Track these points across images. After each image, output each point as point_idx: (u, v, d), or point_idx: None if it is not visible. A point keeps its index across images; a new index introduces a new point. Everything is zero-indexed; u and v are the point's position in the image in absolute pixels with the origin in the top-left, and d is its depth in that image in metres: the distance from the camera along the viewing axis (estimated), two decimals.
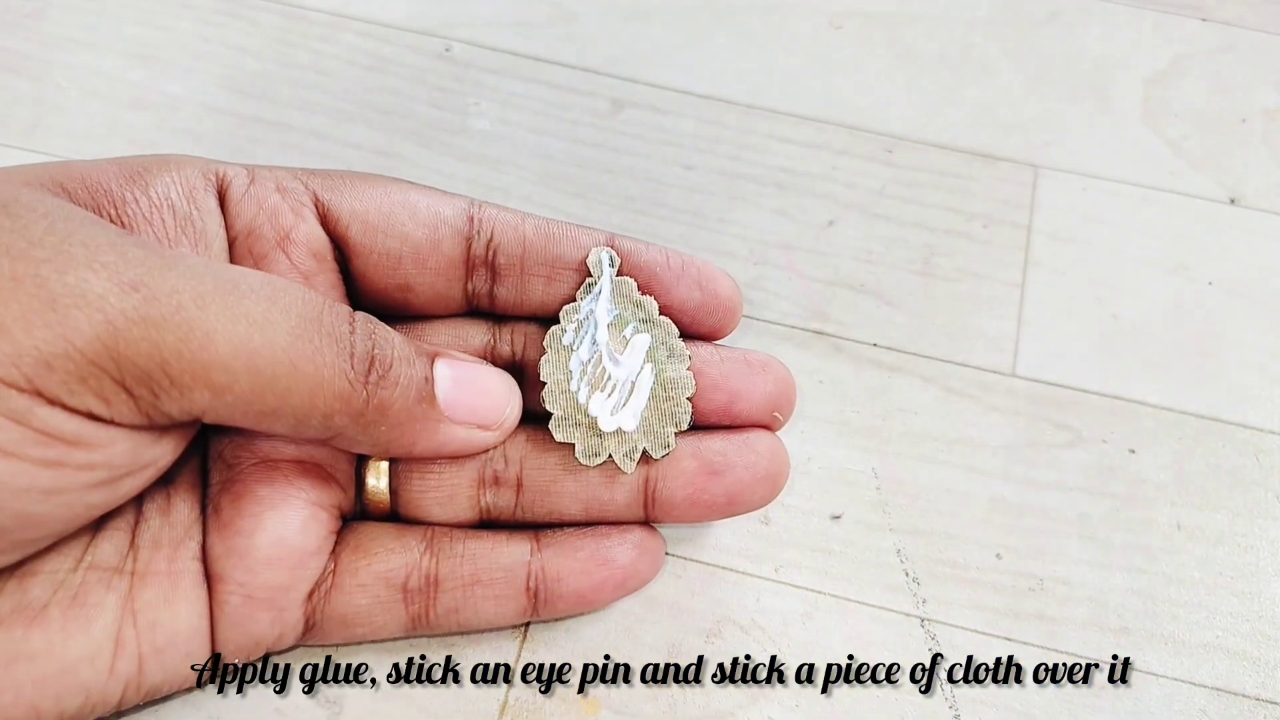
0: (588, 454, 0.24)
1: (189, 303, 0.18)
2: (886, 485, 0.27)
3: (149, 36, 0.34)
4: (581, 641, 0.25)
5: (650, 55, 0.35)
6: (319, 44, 0.34)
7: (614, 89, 0.34)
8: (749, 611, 0.25)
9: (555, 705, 0.24)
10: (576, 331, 0.24)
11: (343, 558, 0.23)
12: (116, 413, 0.18)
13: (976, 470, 0.28)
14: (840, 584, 0.26)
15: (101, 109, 0.32)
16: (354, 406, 0.20)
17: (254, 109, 0.33)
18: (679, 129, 0.33)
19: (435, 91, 0.34)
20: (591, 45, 0.35)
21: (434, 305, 0.24)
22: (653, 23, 0.36)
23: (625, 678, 0.24)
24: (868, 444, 0.28)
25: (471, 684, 0.24)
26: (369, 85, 0.33)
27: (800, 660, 0.25)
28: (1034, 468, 0.28)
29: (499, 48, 0.35)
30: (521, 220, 0.24)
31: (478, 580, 0.23)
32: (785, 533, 0.27)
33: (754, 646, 0.25)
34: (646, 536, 0.24)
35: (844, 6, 0.36)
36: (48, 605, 0.20)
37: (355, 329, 0.21)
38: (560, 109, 0.34)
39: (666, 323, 0.24)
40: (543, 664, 0.24)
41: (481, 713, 0.24)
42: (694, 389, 0.24)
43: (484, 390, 0.23)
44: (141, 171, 0.22)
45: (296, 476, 0.23)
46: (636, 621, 0.25)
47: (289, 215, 0.23)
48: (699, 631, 0.25)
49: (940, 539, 0.27)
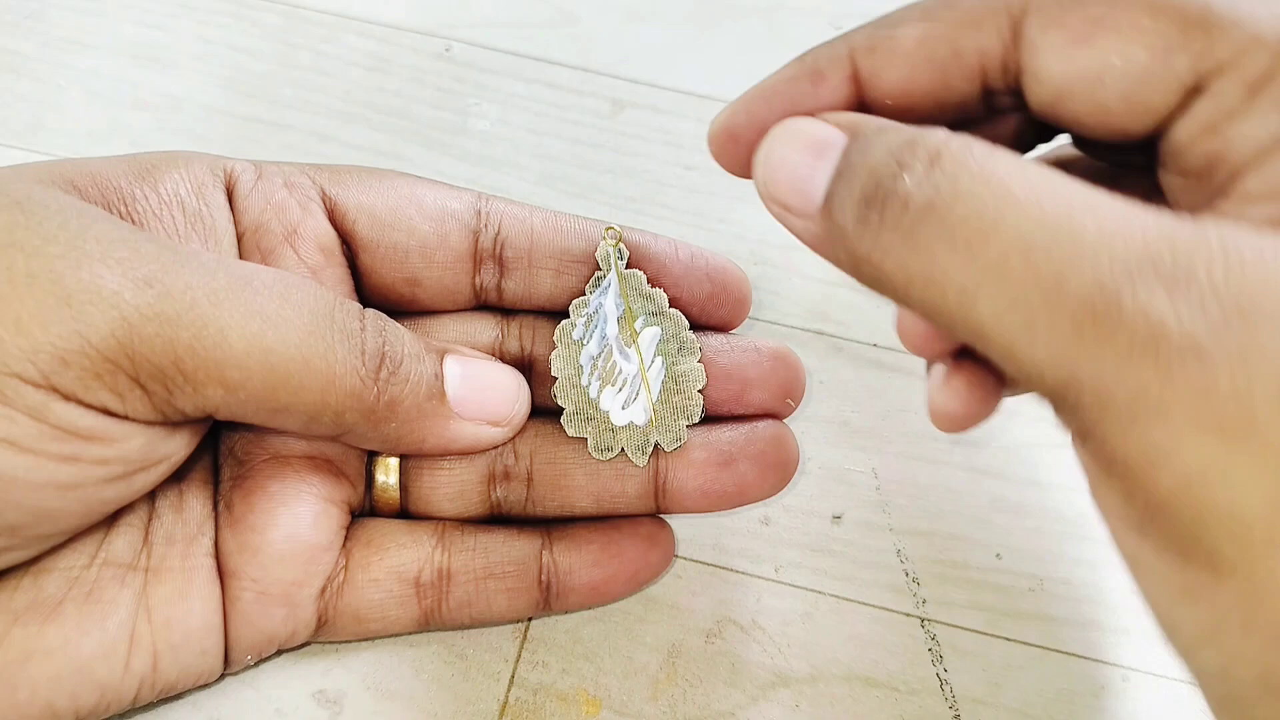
0: (600, 448, 0.24)
1: (203, 299, 0.19)
2: (886, 485, 0.27)
3: (149, 37, 0.34)
4: (581, 641, 0.25)
5: (651, 55, 0.35)
6: (320, 44, 0.34)
7: (614, 89, 0.34)
8: (749, 611, 0.25)
9: (555, 705, 0.24)
10: (586, 325, 0.24)
11: (354, 553, 0.23)
12: (131, 408, 0.19)
13: (976, 470, 0.28)
14: (840, 584, 0.26)
15: (102, 109, 0.32)
16: (365, 403, 0.21)
17: (254, 109, 0.33)
18: (679, 129, 0.33)
19: (435, 92, 0.34)
20: (592, 46, 0.35)
21: (442, 300, 0.25)
22: (653, 23, 0.36)
23: (625, 678, 0.24)
24: (868, 444, 0.28)
25: (471, 684, 0.24)
26: (369, 86, 0.34)
27: (800, 660, 0.25)
28: (1034, 468, 0.28)
29: (499, 48, 0.35)
30: (529, 214, 0.24)
31: (490, 574, 0.23)
32: (785, 533, 0.27)
33: (754, 646, 0.25)
34: (657, 529, 0.25)
35: (844, 7, 0.36)
36: (63, 601, 0.20)
37: (366, 326, 0.21)
38: (561, 109, 0.34)
39: (676, 315, 0.24)
40: (543, 664, 0.24)
41: (481, 713, 0.24)
42: (705, 381, 0.24)
43: (493, 386, 0.23)
44: (151, 168, 0.22)
45: (308, 472, 0.23)
46: (636, 621, 0.25)
47: (296, 210, 0.23)
48: (699, 631, 0.25)
49: (940, 539, 0.27)
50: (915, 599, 0.26)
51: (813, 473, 0.28)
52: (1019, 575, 0.26)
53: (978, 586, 0.26)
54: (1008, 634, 0.25)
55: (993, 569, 0.26)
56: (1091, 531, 0.27)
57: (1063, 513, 0.27)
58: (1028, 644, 0.25)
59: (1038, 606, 0.26)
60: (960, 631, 0.25)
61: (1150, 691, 0.25)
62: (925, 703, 0.24)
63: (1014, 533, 0.27)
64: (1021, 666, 0.25)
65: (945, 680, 0.25)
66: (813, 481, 0.27)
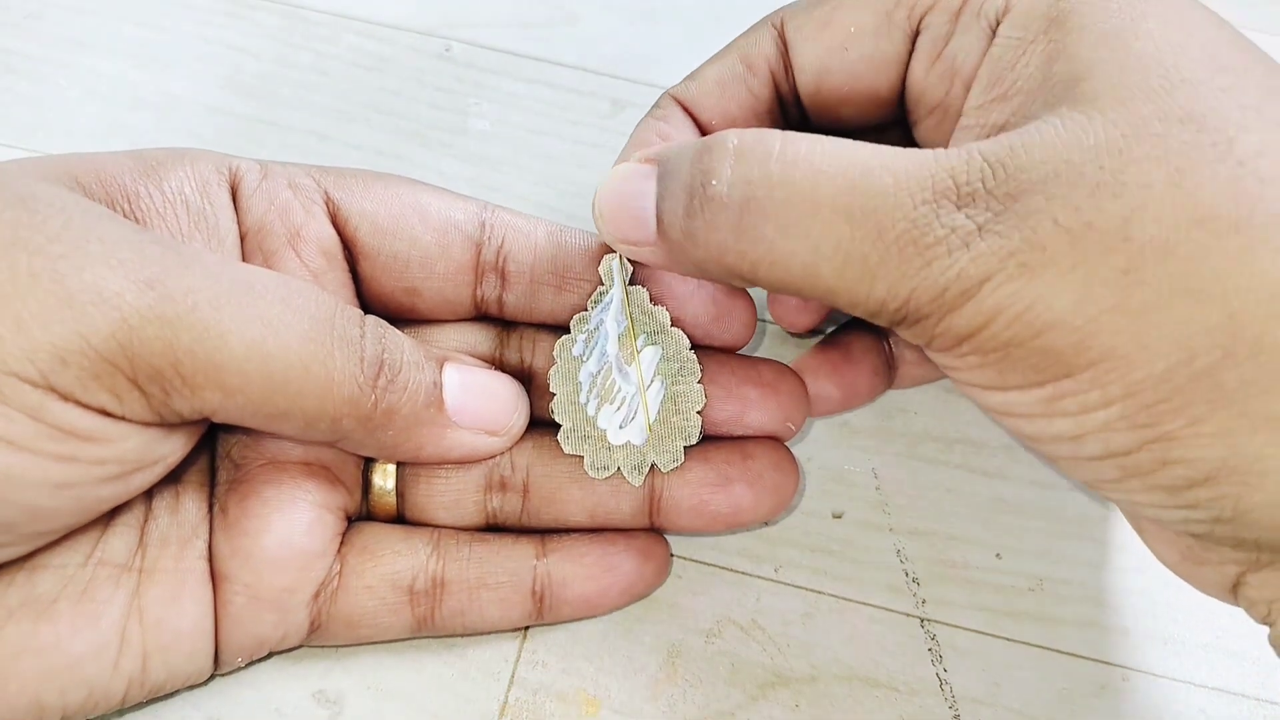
0: (596, 467, 0.24)
1: (204, 303, 0.19)
2: (886, 485, 0.27)
3: (149, 37, 0.34)
4: (581, 641, 0.25)
5: (651, 55, 0.35)
6: (320, 44, 0.34)
7: (614, 89, 0.34)
8: (749, 611, 0.25)
9: (555, 705, 0.24)
10: (587, 342, 0.24)
11: (349, 559, 0.23)
12: (129, 409, 0.19)
13: (976, 470, 0.28)
14: (840, 584, 0.26)
15: (102, 109, 0.32)
16: (362, 410, 0.20)
17: (254, 109, 0.33)
18: None
19: (435, 92, 0.34)
20: (592, 46, 0.35)
21: (441, 310, 0.24)
22: (653, 23, 0.36)
23: (625, 678, 0.24)
24: (868, 444, 0.28)
25: (471, 684, 0.24)
26: (369, 86, 0.34)
27: (800, 660, 0.25)
28: (1034, 468, 0.28)
29: (499, 48, 0.35)
30: (534, 227, 0.24)
31: (484, 583, 0.23)
32: (785, 533, 0.27)
33: (754, 646, 0.25)
34: (652, 543, 0.24)
35: None
36: (56, 600, 0.20)
37: (365, 333, 0.21)
38: (561, 109, 0.34)
39: (678, 334, 0.24)
40: (542, 664, 0.24)
41: (481, 713, 0.24)
42: (704, 402, 0.24)
43: (492, 396, 0.23)
44: (155, 166, 0.22)
45: (303, 478, 0.23)
46: (636, 621, 0.25)
47: (300, 212, 0.23)
48: (699, 631, 0.25)
49: (940, 539, 0.27)
50: (915, 599, 0.26)
51: (813, 473, 0.28)
52: (1019, 575, 0.26)
53: (978, 586, 0.26)
54: (1008, 634, 0.25)
55: (993, 569, 0.26)
56: (1092, 531, 0.27)
57: (1063, 513, 0.27)
58: (1028, 644, 0.25)
59: (1038, 606, 0.26)
60: (960, 631, 0.25)
61: (1150, 691, 0.25)
62: (925, 703, 0.24)
63: (1014, 533, 0.27)
64: (1021, 666, 0.25)
65: (945, 680, 0.25)
66: (813, 481, 0.27)
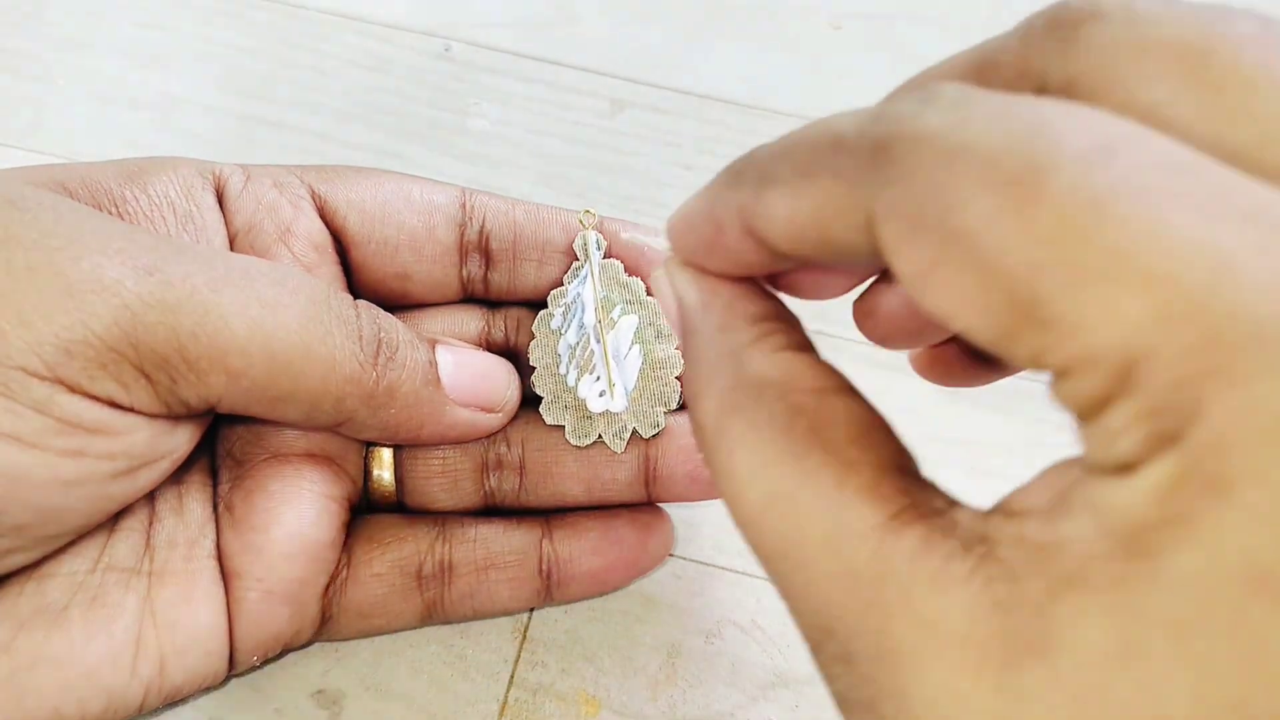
0: (578, 435, 0.24)
1: (203, 286, 0.19)
2: None
3: (149, 36, 0.34)
4: (581, 641, 0.25)
5: (650, 55, 0.35)
6: (319, 44, 0.34)
7: (614, 89, 0.34)
8: (749, 611, 0.25)
9: (555, 705, 0.24)
10: (564, 315, 0.24)
11: (356, 549, 0.23)
12: (136, 399, 0.19)
13: (976, 470, 0.28)
14: None
15: (101, 109, 0.32)
16: (365, 388, 0.21)
17: (254, 109, 0.33)
18: (679, 129, 0.33)
19: (435, 91, 0.34)
20: (592, 45, 0.35)
21: (431, 293, 0.25)
22: (653, 23, 0.36)
23: (625, 678, 0.24)
24: None
25: (471, 684, 0.24)
26: (369, 85, 0.33)
27: (800, 660, 0.25)
28: (1034, 468, 0.28)
29: (499, 48, 0.35)
30: (511, 206, 0.25)
31: (491, 564, 0.23)
32: None
33: (754, 647, 0.25)
34: (654, 516, 0.25)
35: (844, 7, 0.36)
36: (68, 607, 0.20)
37: (360, 313, 0.21)
38: (560, 109, 0.34)
39: (653, 303, 0.24)
40: (542, 664, 0.24)
41: (481, 713, 0.24)
42: (682, 367, 0.24)
43: (484, 373, 0.23)
44: (139, 172, 0.22)
45: (307, 469, 0.23)
46: (636, 622, 0.25)
47: (288, 209, 0.23)
48: (699, 631, 0.25)
49: None
50: None
51: None
52: None
53: None
54: None
55: None
56: None
57: None
58: None
59: None
60: None
61: None
62: None
63: None
64: None
65: None
66: None
